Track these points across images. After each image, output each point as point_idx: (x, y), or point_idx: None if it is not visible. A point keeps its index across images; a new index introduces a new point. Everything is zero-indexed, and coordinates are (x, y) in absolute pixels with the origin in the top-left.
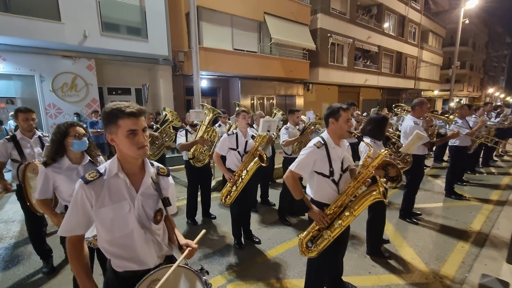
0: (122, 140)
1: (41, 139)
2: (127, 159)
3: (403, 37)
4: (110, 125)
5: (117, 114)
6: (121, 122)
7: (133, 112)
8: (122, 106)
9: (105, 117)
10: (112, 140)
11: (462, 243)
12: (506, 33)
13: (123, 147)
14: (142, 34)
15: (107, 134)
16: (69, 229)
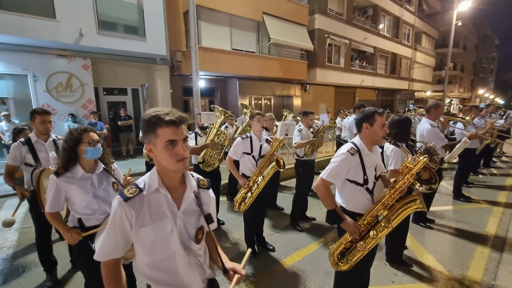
0: (160, 151)
1: (55, 143)
2: (167, 172)
3: (398, 38)
4: (148, 134)
5: (155, 122)
6: (160, 132)
7: (173, 120)
8: (161, 113)
9: (143, 125)
10: (151, 150)
11: (481, 248)
12: (494, 35)
13: (161, 159)
14: (140, 33)
15: (146, 144)
16: (106, 253)
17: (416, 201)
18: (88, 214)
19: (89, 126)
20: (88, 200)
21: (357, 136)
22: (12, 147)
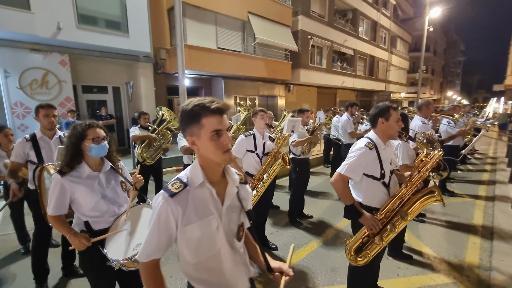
0: (205, 142)
1: (61, 140)
2: (211, 165)
3: (375, 41)
4: (191, 125)
5: (200, 111)
6: (205, 121)
7: (220, 108)
8: (206, 101)
9: (185, 116)
10: (193, 143)
11: (473, 239)
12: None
13: (206, 151)
14: (123, 28)
15: (187, 136)
16: (150, 253)
17: (434, 193)
18: (96, 216)
19: (95, 121)
20: (96, 201)
21: (372, 131)
22: (16, 144)
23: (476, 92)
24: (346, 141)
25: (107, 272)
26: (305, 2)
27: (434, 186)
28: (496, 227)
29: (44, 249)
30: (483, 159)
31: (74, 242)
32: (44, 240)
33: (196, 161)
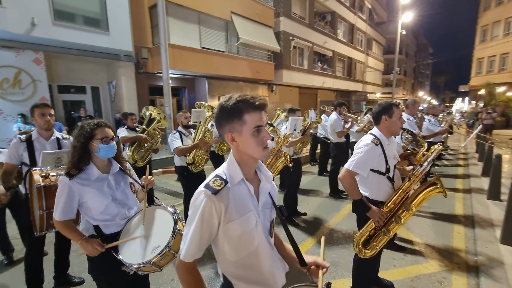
0: (247, 138)
1: (59, 142)
2: (248, 162)
3: (353, 43)
4: (232, 121)
5: (243, 108)
6: (248, 117)
7: (263, 104)
8: (248, 97)
9: (225, 112)
10: (233, 139)
11: (457, 228)
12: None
13: (247, 148)
14: (102, 26)
15: (227, 133)
16: (194, 252)
17: (437, 185)
18: (107, 220)
19: (104, 120)
20: (107, 204)
21: (375, 128)
22: (11, 144)
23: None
24: (334, 140)
25: (120, 278)
26: (286, 4)
27: (436, 178)
28: (476, 217)
29: (39, 258)
30: (456, 154)
31: (87, 248)
32: (38, 249)
33: (232, 158)
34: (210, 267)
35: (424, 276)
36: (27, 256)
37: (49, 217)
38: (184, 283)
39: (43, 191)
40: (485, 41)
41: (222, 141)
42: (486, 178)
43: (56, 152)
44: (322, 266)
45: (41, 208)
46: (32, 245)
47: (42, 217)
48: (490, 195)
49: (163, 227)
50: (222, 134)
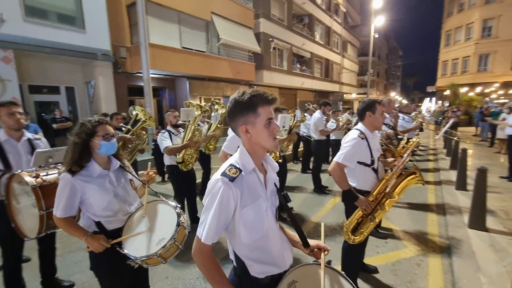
0: (260, 130)
1: (31, 143)
2: (258, 152)
3: (329, 45)
4: (247, 114)
5: (257, 101)
6: (261, 110)
7: (274, 99)
8: (261, 92)
9: (240, 105)
10: (247, 131)
11: (430, 216)
12: (399, 47)
13: (260, 138)
14: (78, 23)
15: (241, 125)
16: (213, 235)
17: (416, 175)
18: (109, 216)
19: (104, 118)
20: (109, 200)
21: (360, 123)
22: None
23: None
24: (316, 137)
25: (123, 274)
26: (265, 6)
27: (415, 168)
28: (446, 206)
29: (17, 265)
30: (426, 150)
31: (93, 244)
32: (16, 256)
33: (243, 149)
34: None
35: (404, 260)
36: (4, 265)
37: (48, 217)
38: (203, 267)
39: (40, 192)
40: (449, 45)
41: (209, 141)
42: (454, 171)
43: (48, 150)
44: (324, 249)
45: (41, 209)
46: (8, 254)
47: (42, 218)
48: (458, 186)
49: (167, 221)
50: (235, 127)
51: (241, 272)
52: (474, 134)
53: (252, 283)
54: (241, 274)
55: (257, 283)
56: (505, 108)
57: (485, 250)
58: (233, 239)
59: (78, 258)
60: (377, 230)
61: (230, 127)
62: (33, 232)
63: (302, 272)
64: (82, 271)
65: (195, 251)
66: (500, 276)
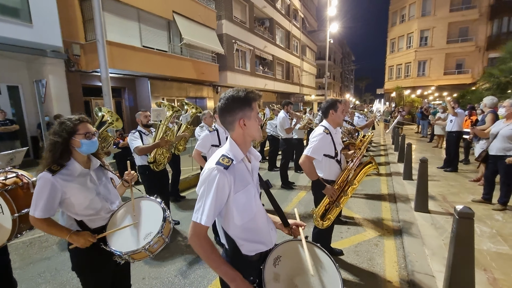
0: (253, 122)
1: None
2: (247, 144)
3: (289, 49)
4: (245, 109)
5: (252, 97)
6: (254, 105)
7: (261, 95)
8: (251, 90)
9: (238, 101)
10: (244, 123)
11: (384, 204)
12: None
13: (253, 129)
14: (23, 16)
15: (239, 119)
16: (211, 218)
17: (372, 164)
18: (91, 214)
19: (85, 116)
20: (91, 199)
21: (324, 120)
22: None
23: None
24: (284, 135)
25: (106, 273)
26: (227, 8)
27: (371, 158)
28: (396, 194)
29: (6, 268)
30: (377, 146)
31: (79, 241)
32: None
33: (233, 141)
34: (181, 260)
35: (364, 242)
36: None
37: (21, 220)
38: (201, 249)
39: (8, 195)
40: (394, 52)
41: (179, 141)
42: (401, 163)
43: (11, 152)
44: (301, 225)
45: (13, 212)
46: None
47: (14, 222)
48: (405, 176)
49: (152, 216)
50: (232, 121)
51: (232, 252)
52: (416, 132)
53: (243, 261)
54: (232, 254)
55: (247, 260)
56: (439, 108)
57: (428, 228)
58: (226, 222)
59: (40, 269)
60: (340, 218)
61: (224, 121)
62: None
63: (285, 248)
64: (47, 282)
65: (192, 236)
66: (440, 247)
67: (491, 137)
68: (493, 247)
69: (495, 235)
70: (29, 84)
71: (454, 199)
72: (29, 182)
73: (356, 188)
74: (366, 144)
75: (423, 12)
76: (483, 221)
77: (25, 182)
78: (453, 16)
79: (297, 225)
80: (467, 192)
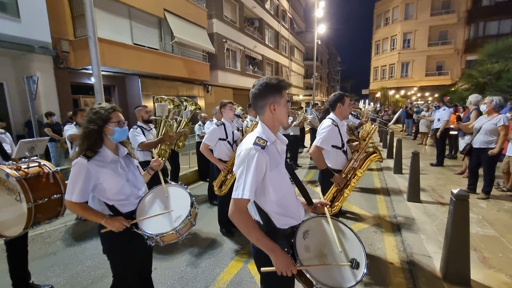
0: (282, 108)
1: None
2: (275, 128)
3: (278, 49)
4: (276, 95)
5: (282, 85)
6: (284, 93)
7: (290, 84)
8: (282, 79)
9: (272, 87)
10: (274, 108)
11: (379, 197)
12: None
13: (281, 115)
14: (10, 10)
15: (270, 104)
16: (252, 193)
17: (376, 154)
18: (122, 199)
19: (116, 105)
20: (122, 185)
21: (331, 113)
22: None
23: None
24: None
25: (137, 253)
26: (218, 7)
27: (375, 148)
28: (389, 187)
29: (24, 257)
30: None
31: (114, 224)
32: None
33: (264, 125)
34: (190, 251)
35: (364, 230)
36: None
37: (37, 210)
38: (243, 224)
39: (26, 183)
40: (378, 53)
41: (179, 138)
42: (390, 159)
43: (32, 140)
44: (325, 204)
45: (29, 201)
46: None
47: (30, 210)
48: (395, 171)
49: (180, 201)
50: (263, 105)
51: (267, 227)
52: (401, 130)
53: (276, 233)
54: (267, 229)
55: (280, 233)
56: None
57: (421, 216)
58: (262, 198)
59: (48, 264)
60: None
61: (256, 106)
62: (16, 230)
63: (311, 223)
64: (57, 275)
65: (234, 212)
66: (434, 232)
67: (475, 132)
68: (481, 230)
69: (481, 220)
70: (14, 82)
71: (442, 190)
72: (50, 173)
73: (361, 177)
74: (371, 135)
75: (406, 15)
76: (470, 209)
77: (46, 172)
78: (433, 20)
79: (322, 204)
80: (453, 184)
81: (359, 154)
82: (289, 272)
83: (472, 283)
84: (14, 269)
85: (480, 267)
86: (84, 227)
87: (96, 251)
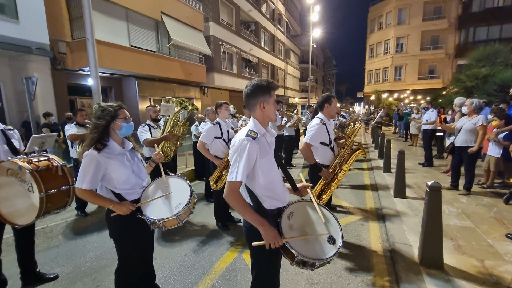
0: (271, 106)
1: (4, 133)
2: (265, 123)
3: (274, 52)
4: (265, 94)
5: (272, 86)
6: (273, 93)
7: (279, 86)
8: (272, 80)
9: (262, 88)
10: (264, 107)
11: (367, 192)
12: (333, 57)
13: (270, 112)
14: (9, 11)
15: (260, 103)
16: (244, 176)
17: (360, 150)
18: (128, 189)
19: (122, 103)
20: (128, 175)
21: (320, 113)
22: None
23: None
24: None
25: (141, 238)
26: (214, 10)
27: (360, 145)
28: (377, 184)
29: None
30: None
31: (121, 209)
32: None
33: (255, 120)
34: (189, 242)
35: (351, 223)
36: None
37: (48, 200)
38: (237, 203)
39: (38, 175)
40: (372, 57)
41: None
42: (381, 159)
43: (43, 136)
44: (307, 186)
45: (41, 191)
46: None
47: (42, 200)
48: (384, 169)
49: (180, 190)
50: (254, 104)
51: (256, 208)
52: (394, 132)
53: (264, 214)
54: (256, 209)
55: (268, 213)
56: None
57: (405, 210)
58: (253, 182)
59: (51, 256)
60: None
61: (248, 104)
62: (28, 218)
63: (295, 206)
64: (62, 265)
65: (228, 193)
66: (415, 224)
67: (456, 131)
68: (459, 222)
69: (460, 214)
70: (11, 82)
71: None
72: (58, 166)
73: (346, 172)
74: (355, 133)
75: (399, 20)
76: (451, 204)
77: (55, 165)
78: (425, 25)
79: (304, 186)
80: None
81: (345, 151)
82: (276, 243)
83: (445, 266)
84: (23, 258)
85: (454, 254)
86: (85, 223)
87: (98, 244)
